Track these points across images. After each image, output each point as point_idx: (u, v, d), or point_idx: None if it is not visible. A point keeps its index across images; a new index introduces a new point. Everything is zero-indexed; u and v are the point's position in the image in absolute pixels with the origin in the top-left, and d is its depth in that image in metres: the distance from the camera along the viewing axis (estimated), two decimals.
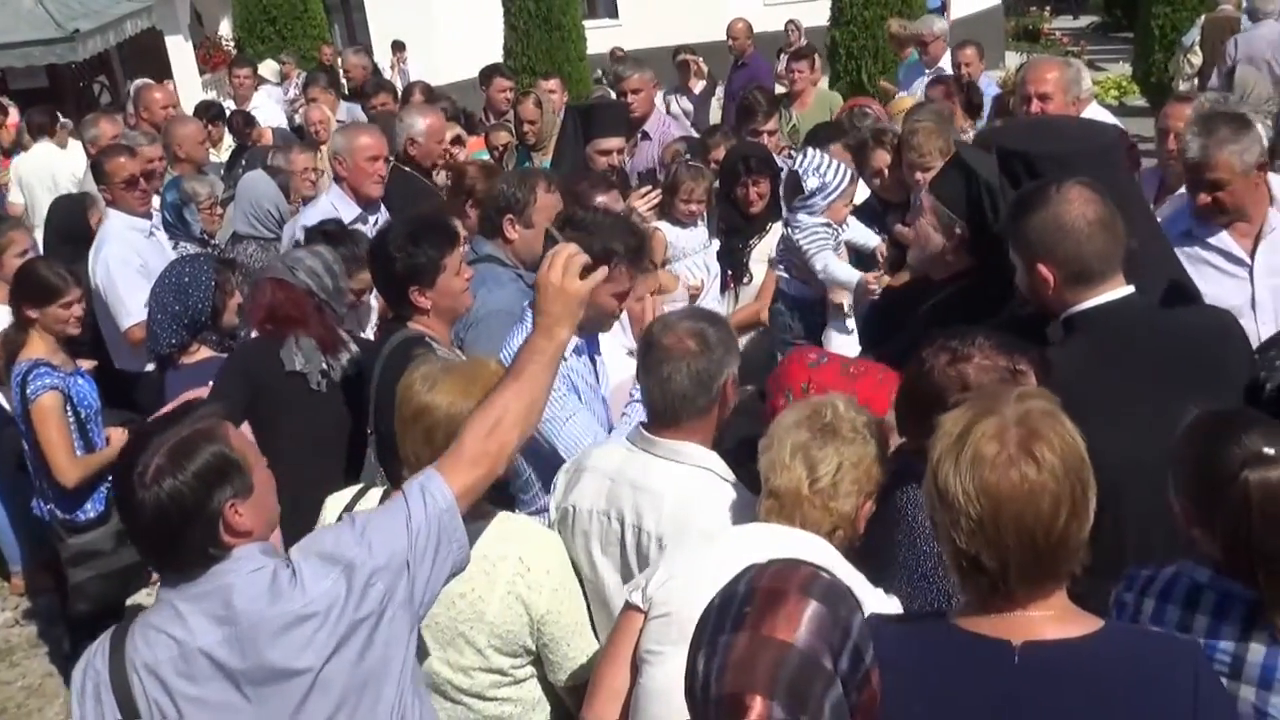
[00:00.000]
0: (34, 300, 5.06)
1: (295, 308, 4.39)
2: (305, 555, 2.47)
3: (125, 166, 6.25)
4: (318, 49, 18.70)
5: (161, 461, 2.36)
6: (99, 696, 2.44)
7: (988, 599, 2.02)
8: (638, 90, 7.78)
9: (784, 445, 2.67)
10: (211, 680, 2.39)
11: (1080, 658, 1.99)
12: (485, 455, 2.63)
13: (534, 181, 4.96)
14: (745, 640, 1.84)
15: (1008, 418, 1.99)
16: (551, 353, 2.74)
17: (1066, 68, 5.35)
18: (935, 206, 4.11)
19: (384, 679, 2.51)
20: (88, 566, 5.07)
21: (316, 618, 2.39)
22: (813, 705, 1.78)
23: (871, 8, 16.09)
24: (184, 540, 2.38)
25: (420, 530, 2.52)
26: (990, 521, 1.95)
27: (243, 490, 2.43)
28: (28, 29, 15.83)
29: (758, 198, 5.90)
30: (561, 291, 2.74)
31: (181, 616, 2.40)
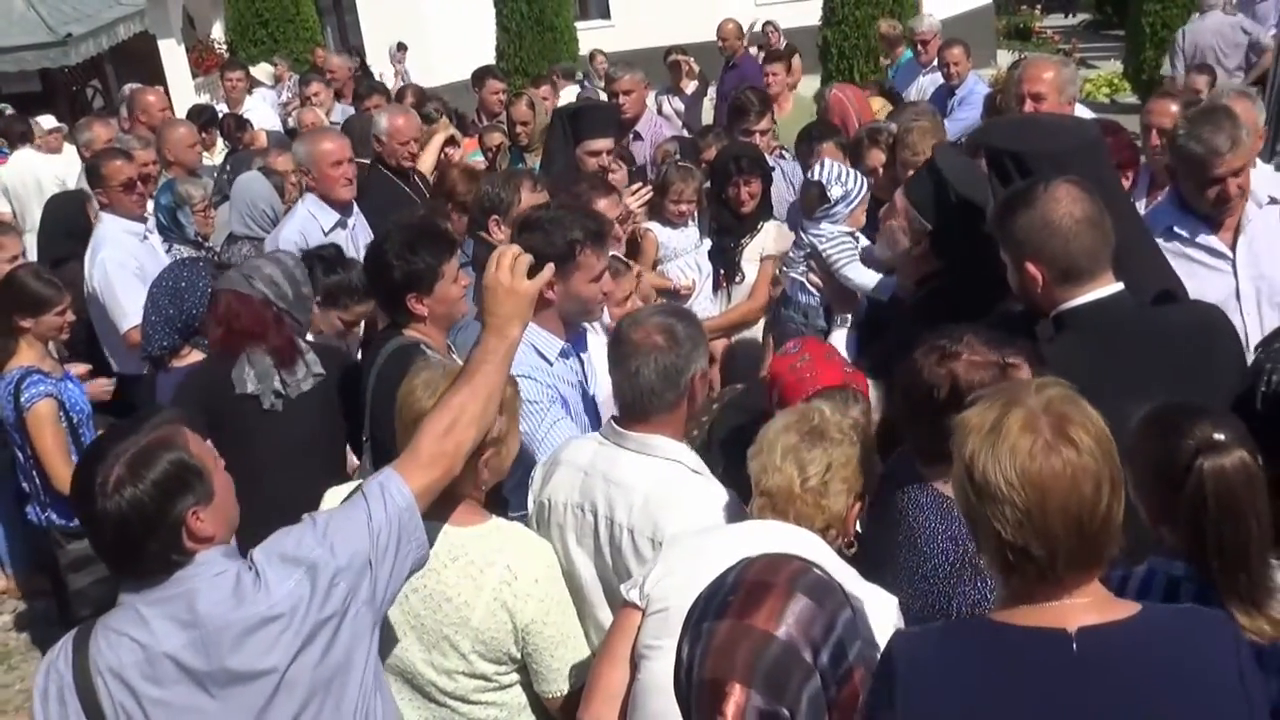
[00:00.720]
0: (27, 310, 5.06)
1: (253, 320, 4.19)
2: (268, 557, 2.48)
3: (122, 170, 6.25)
4: (310, 51, 18.70)
5: (122, 472, 2.38)
6: (63, 699, 2.43)
7: (1034, 589, 2.02)
8: (629, 91, 7.80)
9: (774, 448, 2.71)
10: (177, 683, 2.40)
11: (1131, 640, 2.00)
12: (442, 455, 2.67)
13: (518, 182, 4.97)
14: (727, 628, 1.87)
15: (1034, 407, 2.00)
16: (504, 352, 2.78)
17: (1063, 68, 5.35)
18: (907, 209, 4.16)
19: (347, 677, 2.53)
20: (88, 571, 5.07)
21: (282, 619, 2.42)
22: (790, 696, 1.80)
23: (863, 7, 16.14)
24: (147, 549, 2.40)
25: (381, 530, 2.55)
26: (1038, 510, 1.94)
27: (204, 496, 2.45)
28: (20, 33, 15.85)
29: (749, 197, 5.92)
30: (511, 292, 2.78)
31: (145, 620, 2.41)
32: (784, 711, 1.80)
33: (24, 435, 5.02)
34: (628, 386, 3.10)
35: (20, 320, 5.05)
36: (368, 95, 9.90)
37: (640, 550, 3.00)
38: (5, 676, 6.15)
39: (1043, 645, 2.00)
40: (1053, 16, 26.24)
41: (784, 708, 1.80)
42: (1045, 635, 2.00)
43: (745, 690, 1.80)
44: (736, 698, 1.80)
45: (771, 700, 1.80)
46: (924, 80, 9.88)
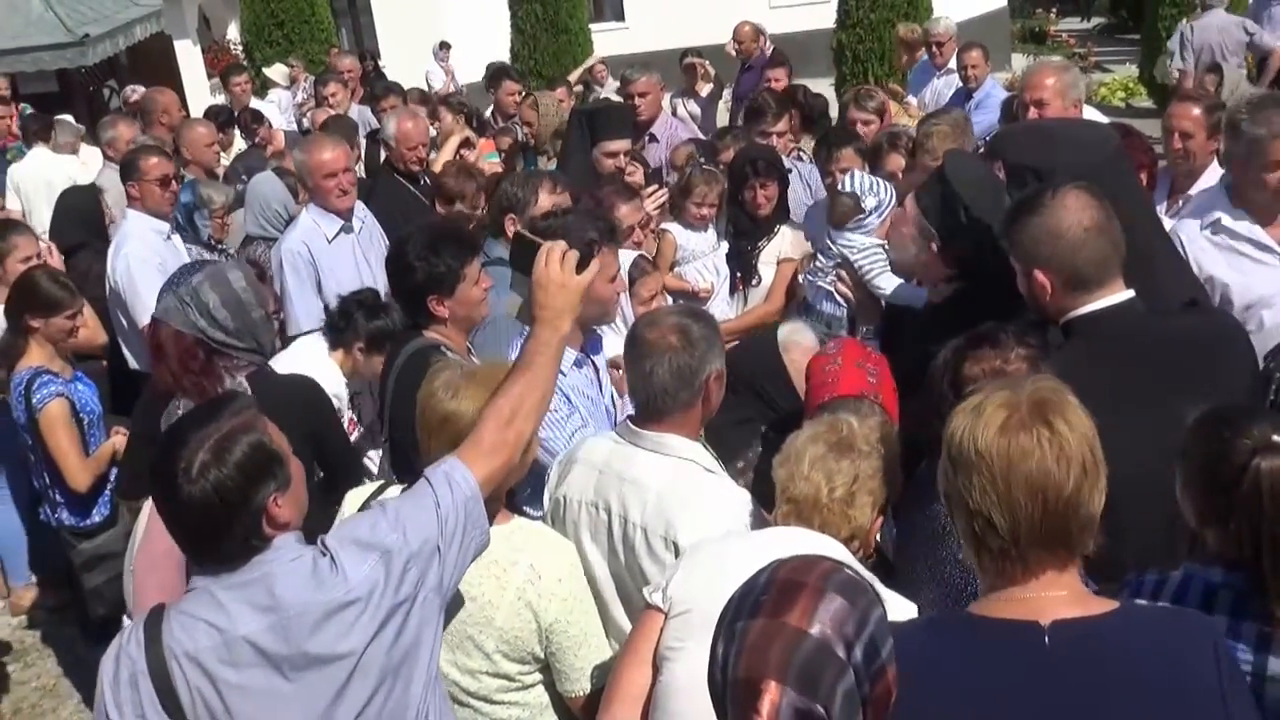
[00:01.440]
0: (38, 311, 5.07)
1: (178, 362, 3.79)
2: (341, 543, 2.51)
3: (159, 165, 6.23)
4: (326, 53, 18.74)
5: (206, 457, 2.38)
6: (135, 684, 2.44)
7: (1001, 567, 2.05)
8: (645, 93, 7.80)
9: (802, 458, 2.75)
10: (255, 667, 2.41)
11: (1107, 635, 2.02)
12: (504, 444, 2.70)
13: (538, 182, 4.97)
14: (761, 627, 1.86)
15: (1020, 392, 2.07)
16: (557, 345, 2.81)
17: (1063, 72, 5.34)
18: (917, 216, 4.16)
19: (416, 661, 2.56)
20: (102, 570, 5.09)
21: (359, 603, 2.44)
22: (824, 692, 1.80)
23: (878, 10, 16.12)
24: (228, 534, 2.41)
25: (449, 516, 2.57)
26: (1003, 479, 2.00)
27: (284, 483, 2.48)
28: (38, 34, 15.92)
29: (765, 200, 5.92)
30: (562, 286, 2.81)
31: (221, 605, 2.42)
32: (819, 708, 1.79)
33: (35, 435, 5.03)
34: (642, 386, 3.11)
35: (31, 320, 5.06)
36: (383, 95, 9.92)
37: (653, 549, 3.01)
38: (22, 674, 6.17)
39: (1015, 637, 2.02)
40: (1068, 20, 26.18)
41: (819, 704, 1.79)
42: (1018, 628, 2.03)
43: (780, 687, 1.79)
44: (771, 695, 1.79)
45: (806, 697, 1.79)
46: (938, 83, 9.84)
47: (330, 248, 5.88)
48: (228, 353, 3.83)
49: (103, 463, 5.08)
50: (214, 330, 3.79)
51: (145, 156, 6.32)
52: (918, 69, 10.79)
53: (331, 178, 5.91)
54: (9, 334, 5.20)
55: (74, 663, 6.04)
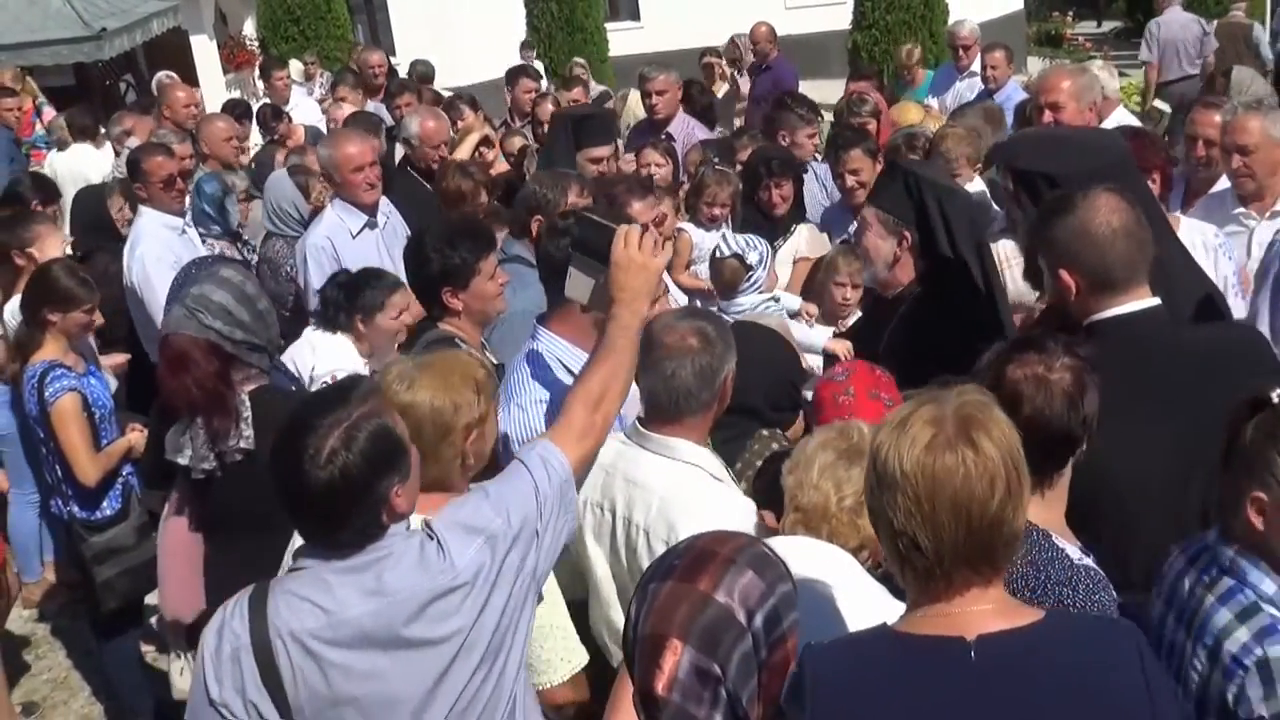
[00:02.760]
0: (56, 305, 5.07)
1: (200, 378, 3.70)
2: (447, 526, 2.53)
3: (164, 166, 6.28)
4: (343, 49, 18.78)
5: (335, 443, 2.38)
6: (238, 659, 2.45)
7: (925, 586, 2.04)
8: (662, 91, 7.81)
9: (811, 465, 2.74)
10: (360, 649, 2.43)
11: (1032, 646, 2.01)
12: (593, 428, 2.75)
13: (566, 184, 4.97)
14: (670, 589, 2.02)
15: (945, 407, 2.04)
16: (638, 327, 2.86)
17: (1079, 75, 5.29)
18: (879, 215, 4.18)
19: (513, 645, 2.59)
20: (113, 563, 5.09)
21: (465, 587, 2.47)
22: (722, 653, 1.94)
23: (894, 12, 16.17)
24: (348, 522, 2.43)
25: (546, 500, 2.61)
26: (927, 500, 1.98)
27: (405, 474, 2.49)
28: (55, 27, 15.94)
29: (780, 200, 5.92)
30: (643, 267, 2.85)
31: (330, 587, 2.44)
32: (715, 668, 1.94)
33: (47, 428, 5.04)
34: (663, 388, 3.10)
35: (48, 314, 5.07)
36: (399, 93, 9.94)
37: (654, 552, 3.00)
38: (34, 666, 6.19)
39: (941, 654, 2.01)
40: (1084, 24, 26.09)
41: (716, 664, 1.94)
42: (944, 644, 2.01)
43: (682, 645, 1.94)
44: (674, 652, 1.94)
45: (705, 657, 1.94)
46: (960, 85, 9.82)
47: (355, 243, 5.90)
48: (241, 357, 3.80)
49: (115, 458, 5.09)
50: (232, 329, 3.75)
51: (149, 157, 6.35)
52: (940, 72, 10.77)
53: (359, 172, 5.94)
54: (25, 326, 5.20)
55: (85, 655, 6.07)
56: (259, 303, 3.88)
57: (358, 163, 5.94)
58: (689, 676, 1.94)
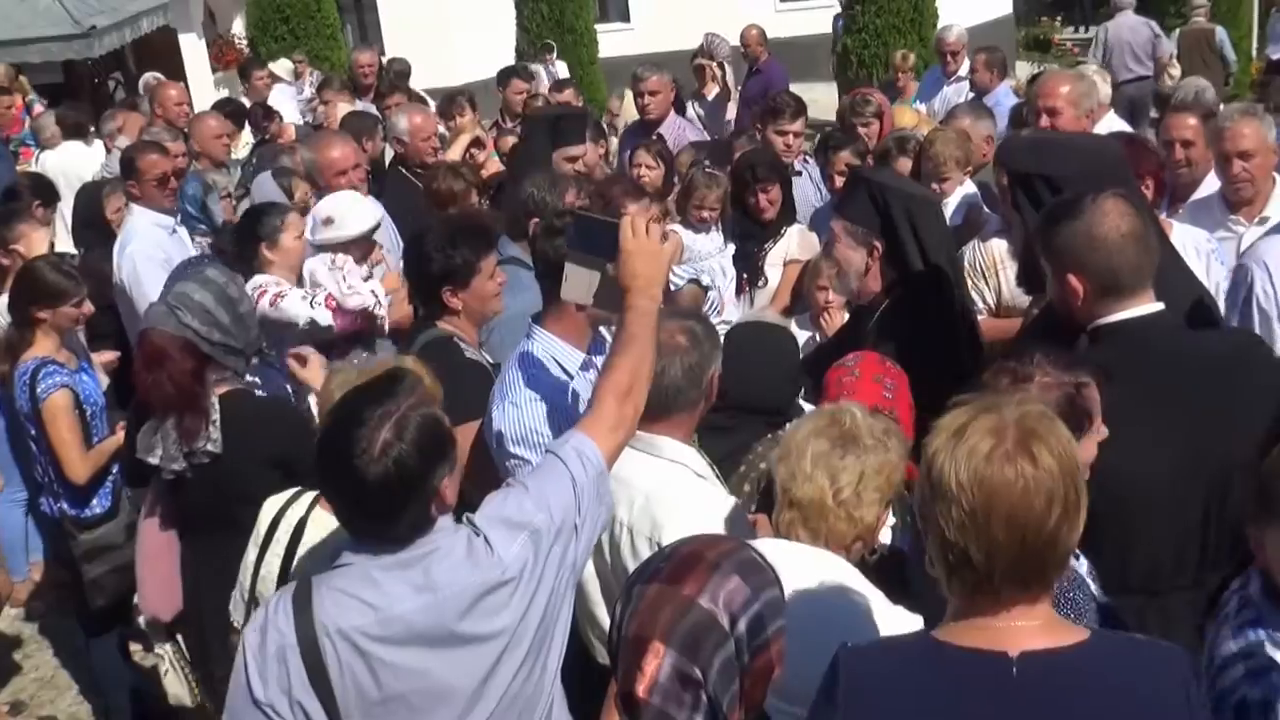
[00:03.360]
0: (45, 302, 5.05)
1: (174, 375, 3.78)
2: (490, 523, 2.52)
3: (158, 164, 6.27)
4: (332, 49, 18.74)
5: (389, 436, 2.37)
6: (283, 658, 2.42)
7: (973, 598, 2.00)
8: (655, 92, 7.82)
9: (804, 455, 2.66)
10: (409, 646, 2.42)
11: (1076, 667, 1.97)
12: (625, 419, 2.75)
13: (564, 186, 4.98)
14: (655, 592, 2.01)
15: (1006, 416, 1.99)
16: (654, 313, 2.84)
17: (1078, 81, 5.30)
18: (846, 227, 4.20)
19: (554, 637, 2.59)
20: (102, 561, 5.08)
21: (512, 583, 2.46)
22: (703, 658, 1.94)
23: (883, 16, 16.17)
24: (403, 514, 2.41)
25: (584, 493, 2.60)
26: (983, 513, 1.93)
27: (453, 464, 2.50)
28: (45, 25, 15.92)
29: (768, 204, 5.92)
30: (655, 254, 2.85)
31: (377, 583, 2.42)
32: (697, 672, 1.94)
33: (39, 425, 5.02)
34: (652, 386, 3.09)
35: (37, 311, 5.05)
36: (389, 93, 9.93)
37: (638, 549, 3.02)
38: (20, 666, 6.17)
39: (982, 668, 1.97)
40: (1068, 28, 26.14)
41: (697, 668, 1.94)
42: (985, 657, 1.98)
43: (664, 649, 1.94)
44: (655, 655, 1.94)
45: (687, 661, 1.94)
46: (949, 91, 9.83)
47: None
48: (217, 358, 3.85)
49: (105, 455, 5.07)
50: (209, 329, 3.82)
51: (143, 155, 6.33)
52: (927, 77, 10.78)
53: (342, 175, 5.97)
54: (13, 327, 5.17)
55: (72, 654, 6.05)
56: (240, 305, 3.95)
57: (341, 166, 5.98)
58: (670, 680, 1.94)
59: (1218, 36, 13.75)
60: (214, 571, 3.83)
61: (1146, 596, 2.87)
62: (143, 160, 6.26)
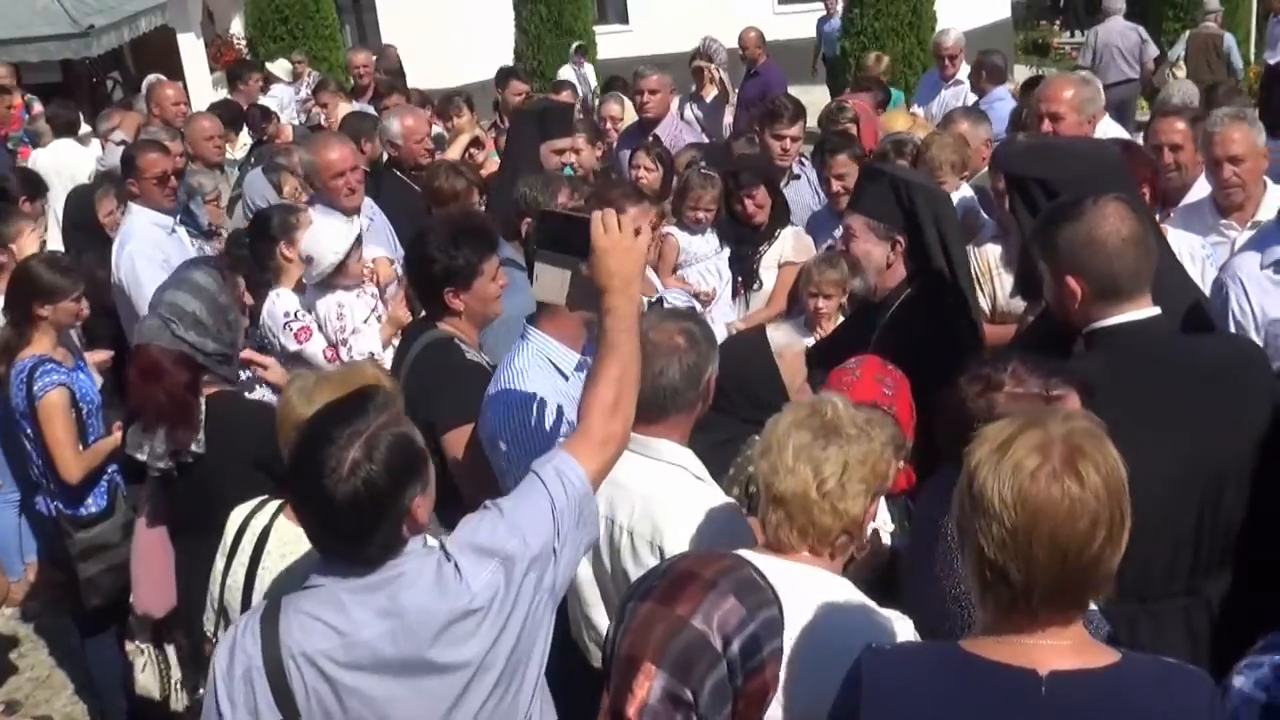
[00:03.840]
0: (44, 298, 5.06)
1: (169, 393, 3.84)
2: (461, 548, 2.45)
3: (158, 163, 6.26)
4: (331, 49, 18.75)
5: (358, 455, 2.31)
6: (250, 680, 2.40)
7: (1007, 616, 1.97)
8: (655, 91, 7.81)
9: (785, 448, 2.56)
10: (374, 672, 2.37)
11: (1105, 689, 1.95)
12: (614, 435, 2.66)
13: (557, 187, 4.97)
14: (648, 610, 1.99)
15: (1053, 433, 1.95)
16: (634, 314, 2.74)
17: (1082, 87, 5.24)
18: (867, 223, 4.19)
19: (530, 664, 2.52)
20: (98, 560, 5.08)
21: (480, 612, 2.39)
22: (694, 679, 1.91)
23: (881, 19, 16.21)
24: (373, 536, 2.35)
25: (563, 516, 2.52)
26: (1024, 533, 1.89)
27: (426, 483, 2.43)
28: (43, 24, 15.89)
29: (755, 208, 5.94)
30: (629, 249, 2.71)
31: (343, 607, 2.38)
32: (687, 694, 1.91)
33: (34, 424, 5.02)
34: (649, 386, 3.08)
35: (38, 308, 5.05)
36: (388, 93, 9.93)
37: (639, 553, 3.01)
38: (15, 665, 6.16)
39: (1010, 684, 1.94)
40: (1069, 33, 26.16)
41: (688, 690, 1.91)
42: (1014, 674, 1.95)
43: (655, 670, 1.92)
44: (646, 675, 1.92)
45: (677, 682, 1.91)
46: (946, 94, 9.83)
47: None
48: (212, 368, 3.89)
49: (100, 456, 5.07)
50: (204, 340, 3.85)
51: (144, 154, 6.33)
52: (924, 80, 10.76)
53: (339, 177, 5.96)
54: (11, 325, 5.17)
55: (67, 654, 6.05)
56: (229, 313, 3.97)
57: (338, 168, 5.98)
58: (660, 702, 1.91)
59: (1225, 43, 13.79)
60: (203, 577, 3.85)
61: (1137, 603, 2.87)
62: (143, 159, 6.25)
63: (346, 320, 5.29)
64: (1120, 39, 13.22)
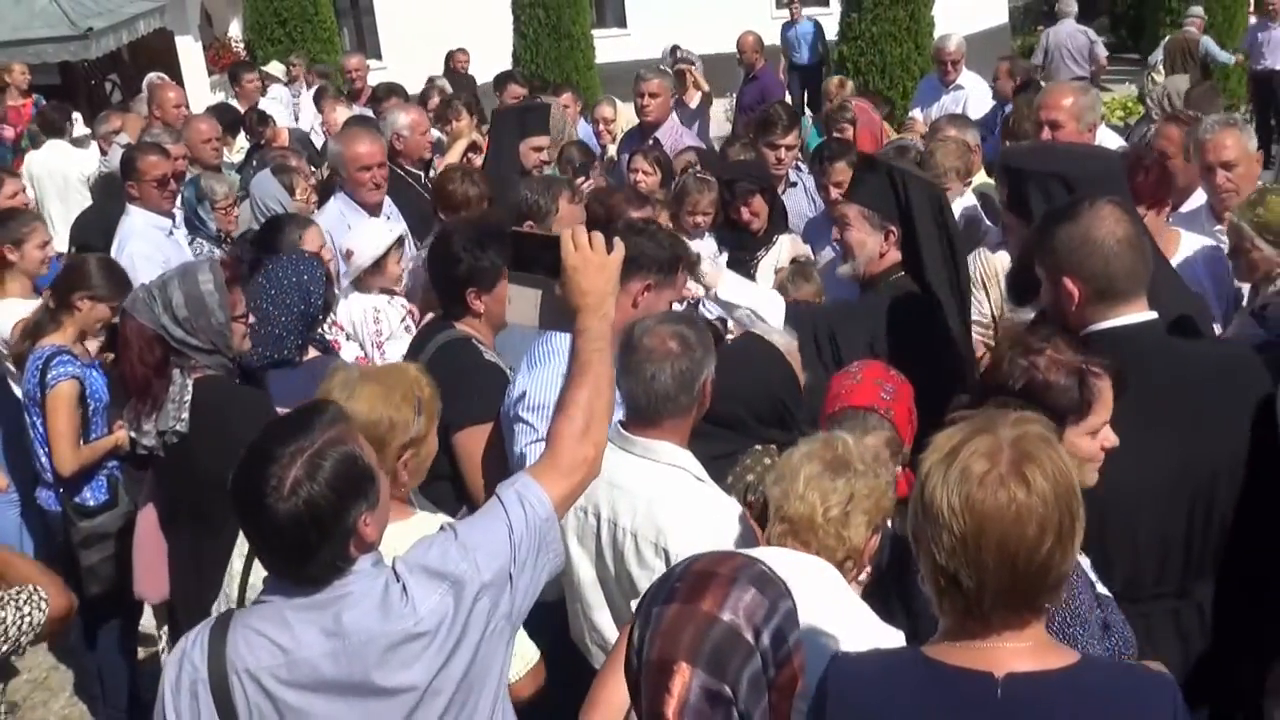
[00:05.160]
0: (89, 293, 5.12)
1: (139, 359, 3.87)
2: (411, 570, 2.41)
3: (158, 165, 6.28)
4: (329, 52, 18.75)
5: (299, 473, 2.26)
6: (195, 693, 2.38)
7: (963, 621, 2.00)
8: (655, 94, 7.82)
9: (797, 476, 2.72)
10: (316, 691, 2.34)
11: (1061, 690, 1.96)
12: (583, 461, 2.60)
13: (558, 190, 4.99)
14: (675, 612, 1.97)
15: (1002, 438, 1.96)
16: (607, 333, 2.68)
17: (1081, 95, 5.19)
18: (862, 213, 4.22)
19: (483, 690, 2.48)
20: (98, 549, 5.09)
21: (426, 636, 2.35)
22: (732, 675, 1.90)
23: (879, 24, 16.22)
24: (317, 555, 2.31)
25: (521, 542, 2.47)
26: (973, 539, 1.91)
27: (374, 501, 2.37)
28: (42, 26, 15.91)
29: (752, 215, 5.95)
30: (601, 266, 2.64)
31: (289, 625, 2.35)
32: (726, 689, 1.90)
33: (43, 411, 5.05)
34: (642, 392, 3.12)
35: (77, 300, 5.11)
36: (386, 96, 9.94)
37: (643, 554, 3.03)
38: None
39: (968, 686, 1.97)
40: None
41: (726, 685, 1.90)
42: (972, 677, 1.97)
43: (691, 669, 1.90)
44: (683, 675, 1.90)
45: (715, 678, 1.90)
46: (945, 100, 9.80)
47: None
48: (184, 352, 3.88)
49: (97, 454, 5.09)
50: (174, 327, 3.85)
51: (144, 156, 6.35)
52: (923, 85, 10.72)
53: (366, 171, 6.02)
54: (45, 310, 5.20)
55: (65, 655, 6.04)
56: (213, 316, 3.90)
57: (366, 162, 6.04)
58: (699, 700, 1.89)
59: (1201, 45, 14.35)
60: (188, 560, 3.93)
61: (1128, 605, 2.87)
62: (143, 161, 6.28)
63: (383, 324, 5.26)
64: (1069, 40, 14.07)
